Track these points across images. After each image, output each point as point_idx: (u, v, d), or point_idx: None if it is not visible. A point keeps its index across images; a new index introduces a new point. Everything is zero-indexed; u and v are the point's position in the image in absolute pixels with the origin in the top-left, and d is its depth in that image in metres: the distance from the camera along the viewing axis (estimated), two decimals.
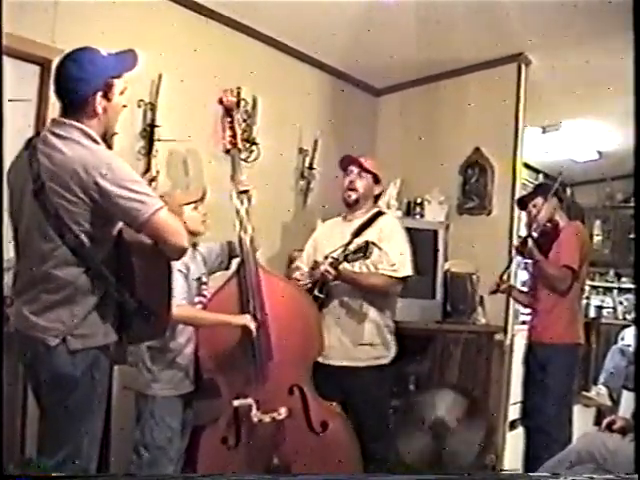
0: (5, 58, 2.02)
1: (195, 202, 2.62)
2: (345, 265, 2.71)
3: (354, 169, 2.97)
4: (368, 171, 2.96)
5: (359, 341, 2.84)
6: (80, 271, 1.77)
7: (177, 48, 3.23)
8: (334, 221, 3.14)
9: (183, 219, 2.33)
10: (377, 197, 3.09)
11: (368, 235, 2.82)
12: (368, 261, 2.76)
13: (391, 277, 2.80)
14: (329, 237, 2.99)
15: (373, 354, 2.85)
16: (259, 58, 3.71)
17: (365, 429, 2.78)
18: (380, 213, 2.99)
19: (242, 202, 2.72)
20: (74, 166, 1.72)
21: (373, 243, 2.68)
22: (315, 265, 2.81)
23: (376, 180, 3.00)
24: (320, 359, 2.83)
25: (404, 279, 2.85)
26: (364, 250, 2.65)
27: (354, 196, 2.95)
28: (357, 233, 2.85)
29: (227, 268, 2.83)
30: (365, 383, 2.82)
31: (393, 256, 2.81)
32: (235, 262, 2.78)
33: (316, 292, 2.79)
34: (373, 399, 2.84)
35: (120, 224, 1.85)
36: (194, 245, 2.60)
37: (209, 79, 3.28)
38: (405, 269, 2.83)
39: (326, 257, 2.76)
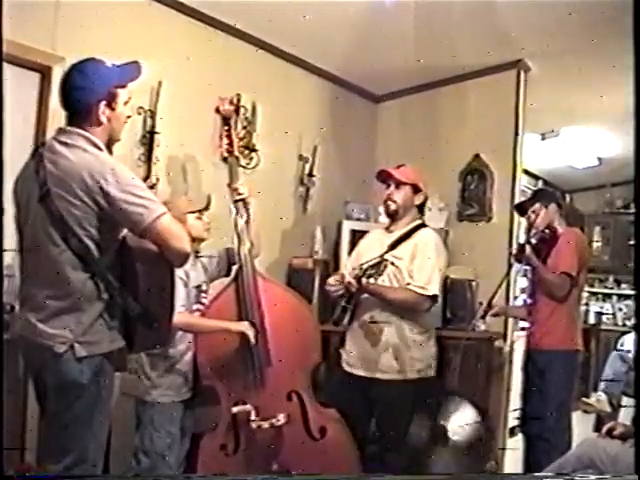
0: (5, 65, 2.03)
1: (199, 211, 2.63)
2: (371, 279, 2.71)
3: (392, 182, 2.94)
4: (406, 182, 2.93)
5: (384, 354, 2.80)
6: (86, 277, 1.78)
7: (177, 55, 3.24)
8: (378, 231, 3.10)
9: (186, 227, 2.34)
10: (421, 206, 3.03)
11: (404, 248, 2.82)
12: (399, 276, 2.78)
13: (418, 293, 2.75)
14: (370, 247, 2.97)
15: (397, 368, 2.80)
16: (258, 65, 3.72)
17: (385, 439, 2.79)
18: (421, 226, 2.95)
19: (239, 210, 2.74)
20: (80, 171, 1.74)
21: (392, 263, 2.73)
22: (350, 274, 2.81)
23: (416, 189, 2.95)
24: (347, 368, 2.88)
25: (432, 297, 2.80)
26: (377, 267, 2.68)
27: (393, 207, 2.92)
28: (394, 245, 2.84)
29: (227, 275, 2.83)
30: (388, 395, 2.79)
31: (423, 272, 2.76)
32: (234, 269, 2.78)
33: (343, 302, 2.76)
34: (396, 410, 2.81)
35: (124, 230, 1.86)
36: (196, 252, 2.61)
37: (209, 86, 3.29)
38: (433, 287, 2.77)
39: (359, 268, 2.76)
